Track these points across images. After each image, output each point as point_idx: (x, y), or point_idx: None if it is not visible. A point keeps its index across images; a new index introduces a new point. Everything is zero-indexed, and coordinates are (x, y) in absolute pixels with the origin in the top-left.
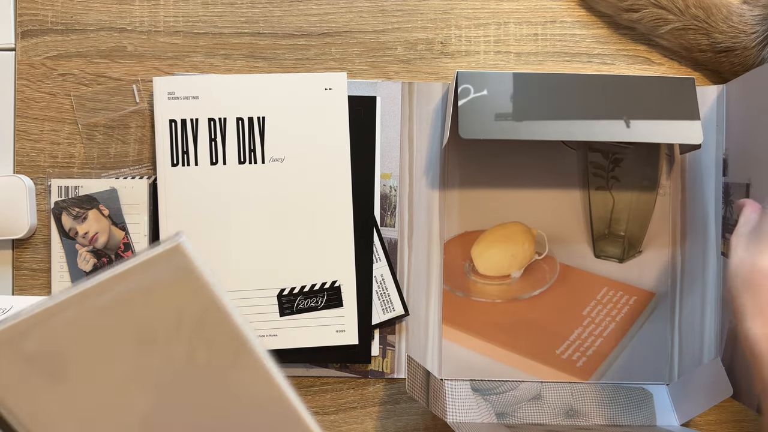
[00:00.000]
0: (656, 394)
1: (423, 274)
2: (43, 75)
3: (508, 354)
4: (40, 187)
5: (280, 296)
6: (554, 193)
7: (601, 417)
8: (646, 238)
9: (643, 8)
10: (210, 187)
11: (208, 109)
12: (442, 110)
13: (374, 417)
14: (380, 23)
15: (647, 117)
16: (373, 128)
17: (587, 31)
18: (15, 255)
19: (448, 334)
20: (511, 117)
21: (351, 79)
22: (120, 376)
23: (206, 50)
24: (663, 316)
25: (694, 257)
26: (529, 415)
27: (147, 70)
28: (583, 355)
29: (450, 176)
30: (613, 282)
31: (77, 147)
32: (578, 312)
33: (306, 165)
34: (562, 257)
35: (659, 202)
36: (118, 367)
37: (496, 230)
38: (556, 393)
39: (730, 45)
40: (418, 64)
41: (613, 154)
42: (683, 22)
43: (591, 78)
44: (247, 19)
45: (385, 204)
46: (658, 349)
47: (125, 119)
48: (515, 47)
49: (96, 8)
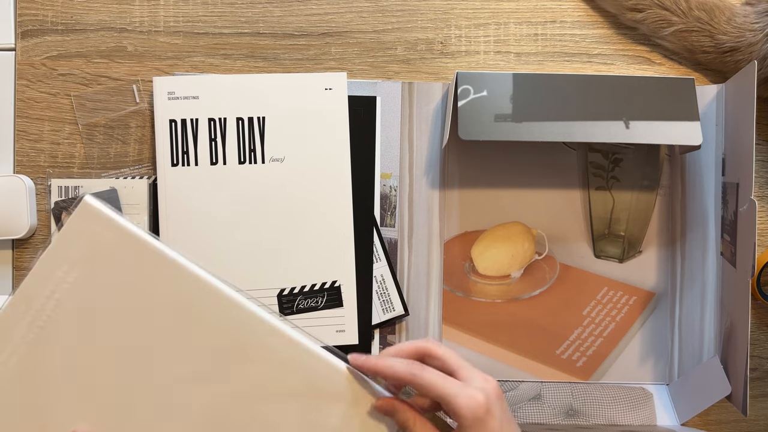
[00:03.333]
0: (656, 394)
1: (423, 274)
2: (43, 75)
3: (508, 354)
4: (40, 187)
5: (280, 296)
6: (554, 193)
7: (601, 417)
8: (645, 238)
9: (647, 8)
10: (210, 187)
11: (208, 109)
12: (442, 110)
13: None
14: (380, 23)
15: (647, 117)
16: (373, 128)
17: (587, 31)
18: (15, 255)
19: (448, 334)
20: (510, 118)
21: (351, 79)
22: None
23: (206, 50)
24: (663, 316)
25: (694, 257)
26: (529, 415)
27: (147, 70)
28: (583, 355)
29: (450, 176)
30: (613, 282)
31: (77, 147)
32: (578, 312)
33: (306, 165)
34: (562, 257)
35: (659, 202)
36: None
37: (496, 230)
38: (556, 393)
39: (734, 45)
40: (418, 64)
41: (613, 155)
42: (686, 24)
43: (591, 78)
44: (247, 19)
45: (385, 204)
46: (658, 348)
47: (125, 119)
48: (515, 47)
49: (96, 8)
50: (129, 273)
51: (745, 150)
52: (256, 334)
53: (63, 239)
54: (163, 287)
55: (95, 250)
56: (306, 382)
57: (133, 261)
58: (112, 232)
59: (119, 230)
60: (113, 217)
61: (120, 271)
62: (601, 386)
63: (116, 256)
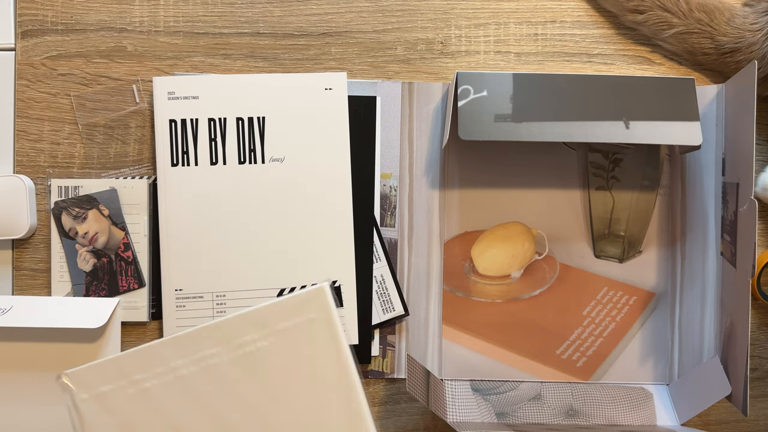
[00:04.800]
0: (656, 394)
1: (423, 274)
2: (43, 75)
3: (508, 354)
4: (40, 187)
5: (281, 296)
6: (554, 193)
7: (601, 417)
8: (646, 238)
9: (648, 10)
10: (210, 187)
11: (208, 109)
12: (442, 110)
13: (374, 417)
14: (380, 23)
15: (647, 117)
16: (373, 128)
17: (587, 31)
18: (15, 255)
19: (448, 334)
20: (510, 118)
21: (351, 79)
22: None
23: (206, 50)
24: (663, 316)
25: (694, 257)
26: (529, 415)
27: (147, 70)
28: (583, 355)
29: (450, 176)
30: (613, 282)
31: (77, 147)
32: (578, 312)
33: (306, 165)
34: (562, 257)
35: (659, 202)
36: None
37: (496, 230)
38: (556, 393)
39: (734, 46)
40: (418, 64)
41: (613, 155)
42: (687, 25)
43: (591, 79)
44: (247, 19)
45: (385, 204)
46: (658, 348)
47: (125, 119)
48: (515, 47)
49: (96, 8)
50: (310, 368)
51: (746, 150)
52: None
53: (287, 306)
54: (329, 402)
55: (301, 332)
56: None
57: (324, 361)
58: (325, 329)
59: (332, 330)
60: (336, 316)
61: (305, 362)
62: (601, 386)
63: (313, 350)
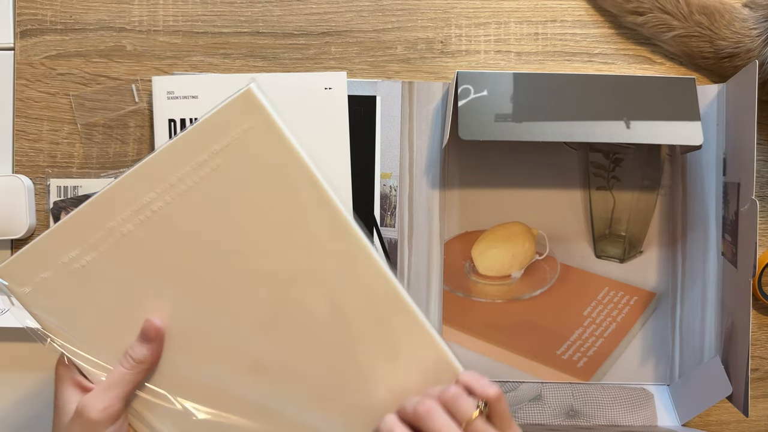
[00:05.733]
0: (657, 395)
1: (423, 274)
2: (42, 74)
3: (508, 354)
4: (39, 187)
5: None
6: (555, 193)
7: (602, 417)
8: (646, 238)
9: (647, 11)
10: None
11: (207, 109)
12: (442, 110)
13: None
14: (380, 22)
15: (647, 117)
16: (373, 128)
17: (588, 30)
18: None
19: (449, 335)
20: (511, 118)
21: (351, 79)
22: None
23: (205, 50)
24: (664, 316)
25: (695, 257)
26: (530, 416)
27: (146, 70)
28: (584, 355)
29: (450, 176)
30: (614, 282)
31: (76, 147)
32: (579, 312)
33: None
34: (562, 257)
35: (660, 202)
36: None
37: (497, 230)
38: (556, 393)
39: (733, 51)
40: (418, 64)
41: (613, 154)
42: (687, 28)
43: (591, 78)
44: (247, 18)
45: (385, 204)
46: (659, 349)
47: (124, 119)
48: (516, 47)
49: (95, 8)
50: (269, 181)
51: (747, 149)
52: (385, 301)
53: (215, 123)
54: (297, 206)
55: (244, 145)
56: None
57: (279, 173)
58: (269, 134)
59: (276, 133)
60: (274, 116)
61: (261, 175)
62: (602, 387)
63: (263, 161)
